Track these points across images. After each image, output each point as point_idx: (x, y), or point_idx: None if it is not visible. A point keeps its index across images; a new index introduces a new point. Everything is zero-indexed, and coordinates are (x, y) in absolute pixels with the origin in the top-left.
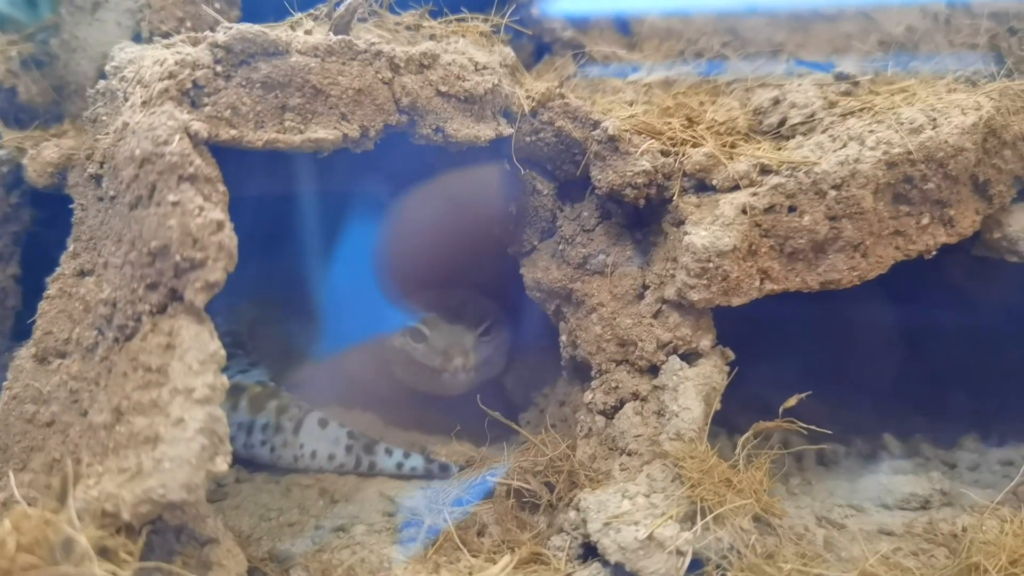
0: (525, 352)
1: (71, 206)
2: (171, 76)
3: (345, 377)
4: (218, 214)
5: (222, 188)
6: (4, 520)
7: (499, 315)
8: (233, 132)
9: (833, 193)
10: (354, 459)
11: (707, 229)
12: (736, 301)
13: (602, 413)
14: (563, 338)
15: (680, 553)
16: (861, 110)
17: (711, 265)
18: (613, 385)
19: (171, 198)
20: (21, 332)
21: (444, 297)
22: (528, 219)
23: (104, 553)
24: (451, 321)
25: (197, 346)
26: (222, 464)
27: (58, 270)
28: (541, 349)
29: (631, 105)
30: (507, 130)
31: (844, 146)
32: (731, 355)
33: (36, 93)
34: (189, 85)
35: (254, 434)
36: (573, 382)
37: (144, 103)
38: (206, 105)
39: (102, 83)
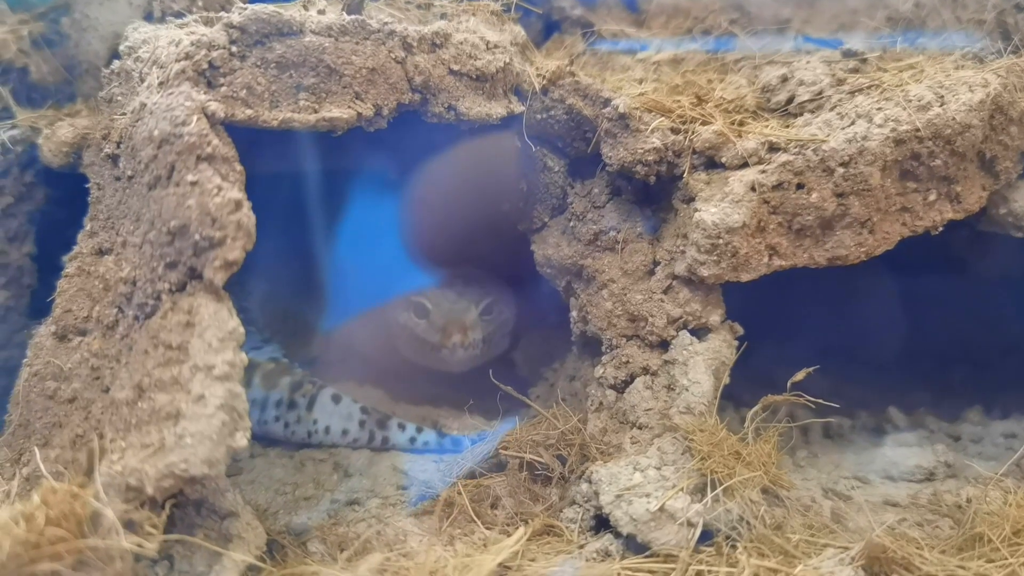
0: (535, 328)
1: (87, 185)
2: (187, 57)
3: (353, 351)
4: (236, 193)
5: (239, 167)
6: (32, 495)
7: (502, 293)
8: (249, 112)
9: (841, 170)
10: (367, 434)
11: (717, 206)
12: (745, 277)
13: (613, 387)
14: (573, 314)
15: (691, 524)
16: (869, 87)
17: (721, 241)
18: (624, 360)
19: (189, 178)
20: (38, 310)
21: (449, 273)
22: (539, 196)
23: (130, 526)
24: (453, 298)
25: (216, 324)
26: (242, 439)
27: (75, 248)
28: (551, 325)
29: (640, 83)
30: (518, 108)
31: (852, 124)
32: (740, 330)
33: (47, 73)
34: (205, 66)
35: (268, 410)
36: (583, 357)
37: (161, 84)
38: (222, 85)
39: (117, 63)
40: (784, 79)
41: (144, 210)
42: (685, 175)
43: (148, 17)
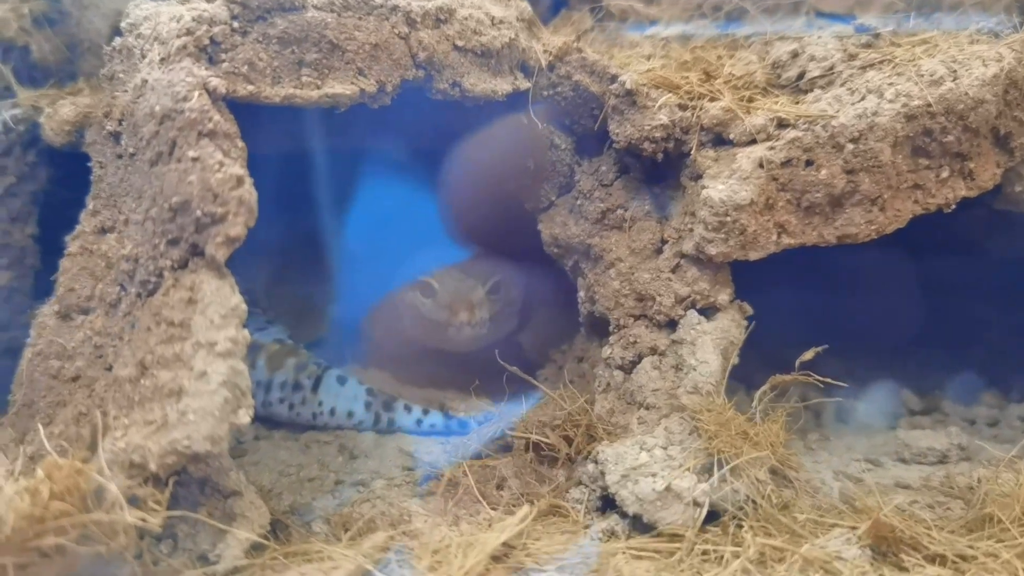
0: (542, 309)
1: (89, 164)
2: (189, 32)
3: (361, 333)
4: (238, 169)
5: (241, 144)
6: (37, 469)
7: (509, 273)
8: (251, 88)
9: (851, 146)
10: (373, 416)
11: (724, 183)
12: (753, 255)
13: (620, 368)
14: (581, 294)
15: (697, 504)
16: (881, 62)
17: (728, 219)
18: (631, 340)
19: (191, 154)
20: (41, 291)
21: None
22: (546, 174)
23: (133, 502)
24: (460, 277)
25: (218, 300)
26: (245, 416)
27: (78, 228)
28: (558, 306)
29: (648, 59)
30: (524, 84)
31: (862, 99)
32: (749, 309)
33: (49, 51)
34: (207, 41)
35: (272, 392)
36: (591, 338)
37: (162, 60)
38: (223, 61)
39: (118, 40)
40: (795, 54)
41: (146, 187)
42: (693, 152)
43: None
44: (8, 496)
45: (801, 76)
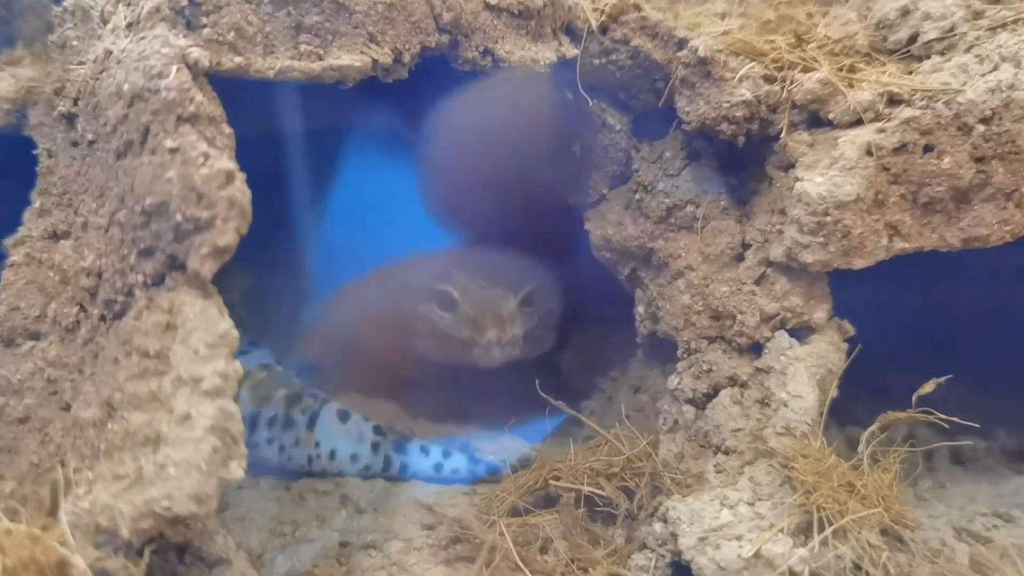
0: (586, 327)
1: (35, 152)
2: None
3: (359, 354)
4: (226, 162)
5: (228, 130)
6: None
7: (545, 280)
8: (238, 59)
9: (981, 128)
10: (382, 460)
11: (824, 174)
12: (859, 263)
13: (691, 402)
14: (639, 309)
15: (794, 574)
16: (1015, 22)
17: (829, 219)
18: (705, 368)
19: (169, 144)
20: None
21: (479, 258)
22: (595, 161)
23: None
24: (486, 285)
25: (204, 326)
26: (237, 470)
27: (22, 231)
28: (607, 323)
29: (723, 19)
30: (571, 51)
31: (995, 69)
32: (850, 330)
33: None
34: (184, 2)
35: (259, 430)
36: (651, 364)
37: (130, 26)
38: (204, 27)
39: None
40: (905, 12)
41: (111, 183)
42: (783, 135)
43: None
44: None
45: (913, 39)
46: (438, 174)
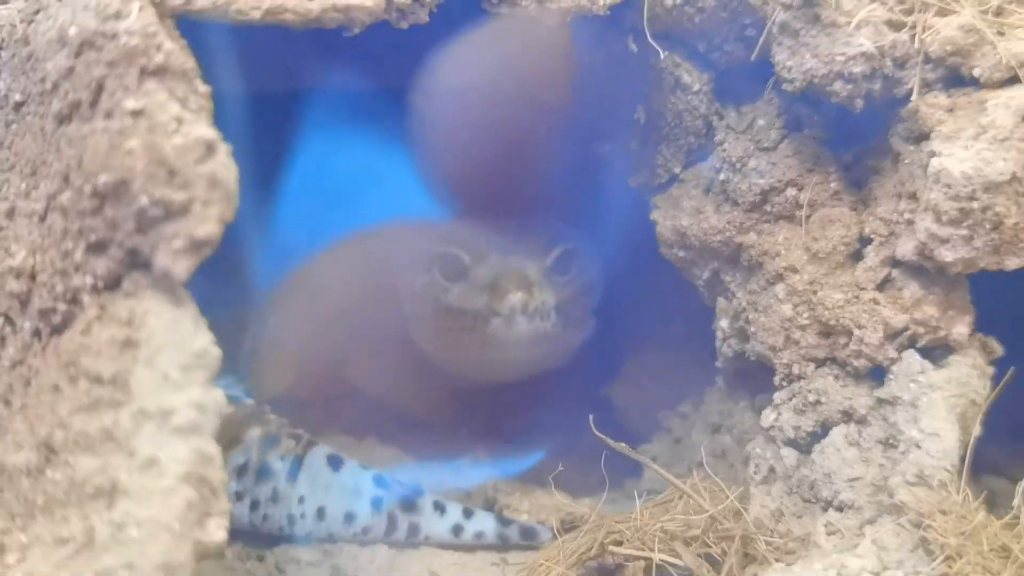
0: (646, 348)
1: None
2: None
3: (327, 355)
4: (204, 129)
5: (203, 88)
6: None
7: (580, 241)
8: None
9: None
10: (386, 520)
11: (968, 148)
12: (1012, 263)
13: (792, 444)
14: (723, 324)
15: None
16: None
17: (976, 205)
18: (811, 399)
19: (130, 105)
20: None
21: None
22: (665, 132)
23: None
24: (506, 246)
25: (175, 342)
26: (218, 531)
27: None
28: (672, 343)
29: None
30: None
31: None
32: (998, 349)
33: None
34: None
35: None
36: (736, 395)
37: None
38: None
39: None
40: None
41: (50, 157)
42: (914, 97)
43: None
44: None
45: None
46: (445, 150)
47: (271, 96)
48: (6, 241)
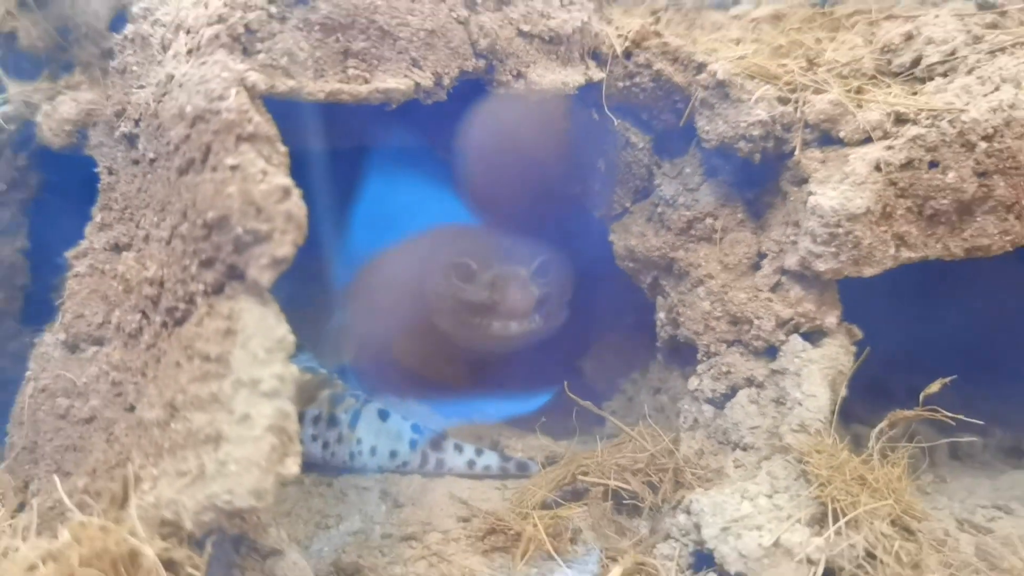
0: (608, 333)
1: (95, 170)
2: (221, 20)
3: (378, 340)
4: (283, 179)
5: (283, 148)
6: (62, 530)
7: (554, 254)
8: (291, 83)
9: (983, 145)
10: (419, 457)
11: (836, 188)
12: (868, 271)
13: (710, 402)
14: (661, 315)
15: (811, 562)
16: (1014, 45)
17: (841, 230)
18: (724, 370)
19: (229, 161)
20: (32, 315)
21: (492, 234)
22: (619, 177)
23: (171, 566)
24: (502, 254)
25: (262, 331)
26: (293, 466)
27: (84, 244)
28: (626, 328)
29: (737, 44)
30: (597, 75)
31: (996, 89)
32: (859, 334)
33: (37, 37)
34: (241, 30)
35: (304, 428)
36: (671, 367)
37: (191, 52)
38: (260, 52)
39: (130, 28)
40: (908, 37)
41: (173, 199)
42: (796, 152)
43: None
44: (30, 561)
45: (917, 62)
46: (475, 186)
47: (341, 151)
48: (143, 259)
